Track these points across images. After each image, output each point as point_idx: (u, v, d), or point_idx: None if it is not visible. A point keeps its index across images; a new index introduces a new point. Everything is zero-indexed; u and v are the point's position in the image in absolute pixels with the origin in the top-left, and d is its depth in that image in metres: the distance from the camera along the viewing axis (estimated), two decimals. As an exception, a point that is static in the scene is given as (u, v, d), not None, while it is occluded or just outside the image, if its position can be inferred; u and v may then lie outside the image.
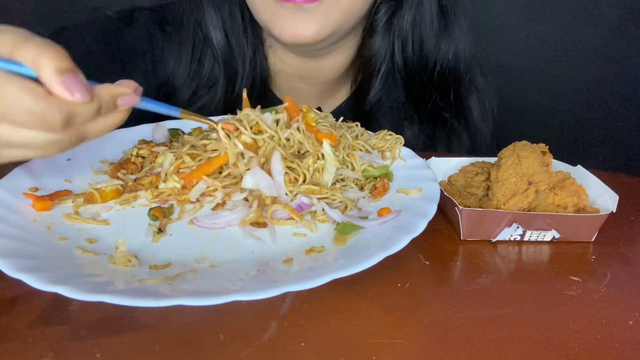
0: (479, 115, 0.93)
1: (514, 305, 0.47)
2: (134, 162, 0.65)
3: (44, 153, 0.45)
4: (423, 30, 0.85)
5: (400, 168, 0.64)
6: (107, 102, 0.45)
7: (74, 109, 0.42)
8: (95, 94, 0.44)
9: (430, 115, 0.90)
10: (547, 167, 0.59)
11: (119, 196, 0.59)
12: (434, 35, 0.86)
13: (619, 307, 0.47)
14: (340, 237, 0.51)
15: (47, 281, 0.40)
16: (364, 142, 0.68)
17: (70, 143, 0.45)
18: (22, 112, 0.40)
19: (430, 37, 0.86)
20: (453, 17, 0.87)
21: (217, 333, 0.42)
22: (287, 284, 0.41)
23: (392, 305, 0.46)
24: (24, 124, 0.41)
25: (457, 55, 0.88)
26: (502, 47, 1.37)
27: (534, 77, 1.40)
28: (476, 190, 0.61)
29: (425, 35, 0.86)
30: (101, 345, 0.41)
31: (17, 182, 0.58)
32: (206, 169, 0.60)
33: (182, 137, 0.71)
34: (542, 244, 0.57)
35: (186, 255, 0.49)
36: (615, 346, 0.42)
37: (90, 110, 0.44)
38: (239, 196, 0.56)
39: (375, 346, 0.41)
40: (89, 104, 0.43)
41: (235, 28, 0.86)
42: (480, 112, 0.94)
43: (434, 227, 0.52)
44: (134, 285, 0.42)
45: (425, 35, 0.86)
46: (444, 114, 0.90)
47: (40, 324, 0.43)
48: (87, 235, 0.52)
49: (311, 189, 0.57)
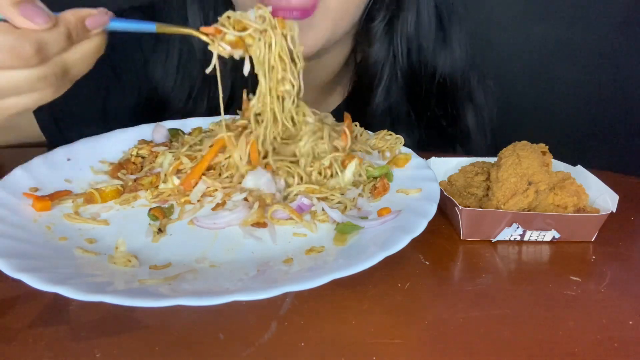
0: (474, 126, 0.93)
1: (514, 305, 0.47)
2: (134, 162, 0.65)
3: (38, 96, 0.46)
4: (422, 38, 0.85)
5: (401, 168, 0.64)
6: (75, 26, 0.46)
7: (42, 37, 0.43)
8: (61, 19, 0.45)
9: (428, 123, 0.90)
10: (547, 167, 0.59)
11: (119, 196, 0.59)
12: (432, 43, 0.86)
13: (619, 307, 0.47)
14: (340, 237, 0.51)
15: (47, 281, 0.40)
16: (364, 142, 0.68)
17: (55, 77, 0.46)
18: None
19: (428, 45, 0.86)
20: (449, 25, 0.87)
21: (217, 333, 0.42)
22: (287, 284, 0.41)
23: (392, 305, 0.46)
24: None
25: (455, 64, 0.88)
26: (502, 47, 1.37)
27: (534, 77, 1.40)
28: (476, 190, 0.61)
29: (424, 43, 0.85)
30: (101, 345, 0.41)
31: (17, 182, 0.58)
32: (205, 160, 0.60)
33: (182, 137, 0.71)
34: (542, 244, 0.57)
35: (186, 255, 0.49)
36: (615, 346, 0.42)
37: (59, 36, 0.45)
38: (238, 196, 0.56)
39: (375, 346, 0.41)
40: (56, 29, 0.44)
41: None
42: (477, 124, 0.93)
43: (434, 227, 0.52)
44: (134, 286, 0.42)
45: (424, 43, 0.86)
46: (441, 122, 0.89)
47: (40, 324, 0.43)
48: (87, 235, 0.52)
49: (311, 188, 0.57)
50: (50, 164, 0.63)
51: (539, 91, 1.40)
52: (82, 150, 0.67)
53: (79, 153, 0.66)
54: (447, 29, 0.87)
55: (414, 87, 0.88)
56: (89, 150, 0.67)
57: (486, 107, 0.95)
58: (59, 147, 0.66)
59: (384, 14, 0.83)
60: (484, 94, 0.94)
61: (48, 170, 0.62)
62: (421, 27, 0.84)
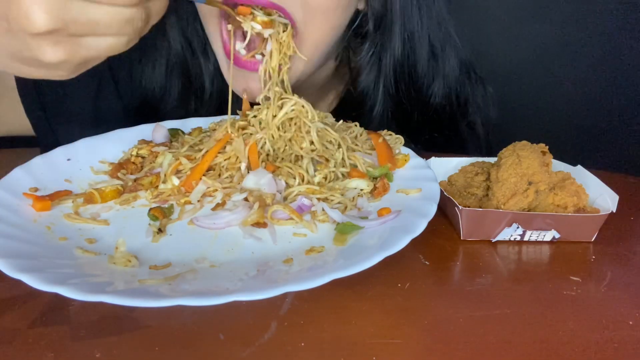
0: (472, 146, 0.93)
1: (514, 305, 0.47)
2: (134, 162, 0.65)
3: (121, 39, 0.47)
4: (413, 70, 0.82)
5: (400, 168, 0.64)
6: None
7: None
8: None
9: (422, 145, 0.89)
10: (547, 167, 0.59)
11: (119, 196, 0.59)
12: (425, 74, 0.83)
13: (619, 307, 0.47)
14: (340, 237, 0.51)
15: (47, 281, 0.40)
16: (364, 142, 0.68)
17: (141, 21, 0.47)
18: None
19: (421, 76, 0.83)
20: (442, 56, 0.84)
21: (217, 333, 0.42)
22: (287, 284, 0.41)
23: (392, 305, 0.46)
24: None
25: (450, 94, 0.86)
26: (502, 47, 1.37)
27: (533, 77, 1.39)
28: (476, 190, 0.61)
29: (417, 74, 0.83)
30: (101, 345, 0.41)
31: (17, 182, 0.58)
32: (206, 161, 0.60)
33: (182, 137, 0.71)
34: (542, 244, 0.57)
35: (186, 255, 0.49)
36: (615, 346, 0.42)
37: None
38: (238, 196, 0.56)
39: (375, 346, 0.41)
40: None
41: (198, 43, 0.85)
42: (473, 143, 0.93)
43: (434, 227, 0.52)
44: (134, 286, 0.42)
45: (417, 75, 0.83)
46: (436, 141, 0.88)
47: (40, 324, 0.43)
48: (87, 235, 0.52)
49: (311, 189, 0.57)
50: (50, 164, 0.63)
51: (539, 91, 1.40)
52: (82, 150, 0.67)
53: (79, 153, 0.66)
54: (440, 61, 0.84)
55: (406, 116, 0.85)
56: (89, 150, 0.67)
57: (481, 124, 0.93)
58: (59, 147, 0.66)
59: (368, 47, 0.80)
60: (479, 110, 0.93)
61: (48, 170, 0.62)
62: (411, 60, 0.81)
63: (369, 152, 0.66)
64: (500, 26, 1.37)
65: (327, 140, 0.64)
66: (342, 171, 0.61)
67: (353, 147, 0.65)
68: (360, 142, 0.67)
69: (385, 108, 0.84)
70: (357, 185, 0.60)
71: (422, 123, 0.86)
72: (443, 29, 0.83)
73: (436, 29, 0.82)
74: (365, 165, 0.62)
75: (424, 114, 0.86)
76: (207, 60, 0.86)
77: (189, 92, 0.88)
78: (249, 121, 0.64)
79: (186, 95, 0.88)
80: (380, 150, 0.65)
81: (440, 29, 0.83)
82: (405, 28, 0.78)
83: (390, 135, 0.70)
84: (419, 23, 0.79)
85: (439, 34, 0.83)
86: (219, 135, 0.63)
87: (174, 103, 0.88)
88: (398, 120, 0.85)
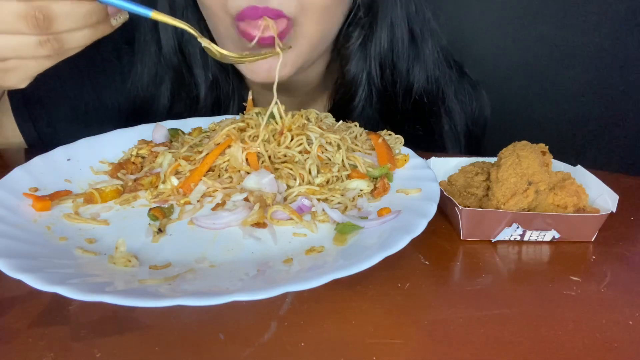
0: (449, 137, 0.94)
1: (514, 305, 0.47)
2: (134, 162, 0.65)
3: (36, 64, 0.51)
4: (395, 56, 0.85)
5: (400, 168, 0.64)
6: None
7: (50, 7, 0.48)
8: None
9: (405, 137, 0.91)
10: (547, 167, 0.59)
11: (118, 196, 0.59)
12: (406, 60, 0.86)
13: (619, 307, 0.47)
14: (340, 237, 0.51)
15: (47, 281, 0.40)
16: (363, 142, 0.68)
17: (52, 45, 0.50)
18: None
19: (402, 62, 0.86)
20: (422, 41, 0.87)
21: (217, 333, 0.42)
22: (287, 284, 0.41)
23: (392, 305, 0.46)
24: None
25: (429, 79, 0.89)
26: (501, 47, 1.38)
27: (533, 77, 1.40)
28: (476, 190, 0.61)
29: (397, 60, 0.86)
30: (101, 345, 0.41)
31: (17, 182, 0.58)
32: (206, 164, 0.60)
33: (182, 137, 0.71)
34: (542, 244, 0.57)
35: (186, 255, 0.49)
36: (615, 346, 0.42)
37: None
38: (238, 196, 0.56)
39: (375, 346, 0.41)
40: None
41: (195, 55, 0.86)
42: (452, 135, 0.94)
43: (434, 227, 0.52)
44: (134, 286, 0.42)
45: (397, 61, 0.86)
46: (417, 134, 0.90)
47: (40, 324, 0.43)
48: (87, 235, 0.52)
49: (312, 189, 0.57)
50: (50, 164, 0.63)
51: (539, 91, 1.40)
52: (82, 150, 0.67)
53: (79, 153, 0.66)
54: (419, 46, 0.87)
55: (389, 105, 0.88)
56: (89, 150, 0.67)
57: (461, 116, 0.95)
58: (59, 147, 0.66)
59: (358, 33, 0.83)
60: (459, 104, 0.95)
61: (48, 170, 0.62)
62: (394, 45, 0.85)
63: (369, 152, 0.66)
64: (500, 26, 1.37)
65: (327, 142, 0.63)
66: (344, 174, 0.61)
67: (353, 148, 0.65)
68: (360, 142, 0.67)
69: (368, 95, 0.87)
70: (357, 185, 0.60)
71: (404, 112, 0.88)
72: (421, 15, 0.87)
73: (414, 14, 0.86)
74: (365, 165, 0.62)
75: (407, 102, 0.88)
76: (207, 70, 0.87)
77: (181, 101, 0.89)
78: (247, 123, 0.64)
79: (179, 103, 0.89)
80: (380, 150, 0.65)
81: (418, 14, 0.87)
82: (388, 12, 0.82)
83: (390, 135, 0.70)
84: (400, 7, 0.84)
85: (417, 19, 0.87)
86: (218, 139, 0.62)
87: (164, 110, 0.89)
88: (380, 110, 0.88)
